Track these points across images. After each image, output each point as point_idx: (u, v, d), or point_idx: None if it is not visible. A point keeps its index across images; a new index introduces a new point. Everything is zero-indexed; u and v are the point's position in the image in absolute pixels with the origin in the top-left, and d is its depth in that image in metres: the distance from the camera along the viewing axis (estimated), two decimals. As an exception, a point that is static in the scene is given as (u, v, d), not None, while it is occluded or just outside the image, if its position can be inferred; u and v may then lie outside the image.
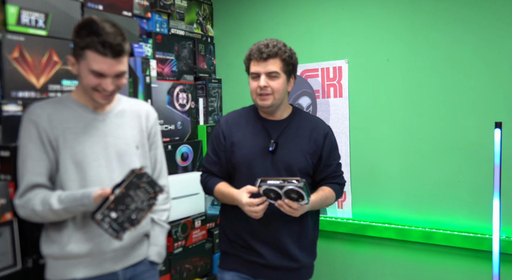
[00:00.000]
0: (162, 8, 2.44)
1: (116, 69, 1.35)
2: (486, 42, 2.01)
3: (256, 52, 1.62)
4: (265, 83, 1.60)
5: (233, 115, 1.79)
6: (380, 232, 2.28)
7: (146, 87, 2.21)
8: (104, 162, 1.44)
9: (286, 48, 1.63)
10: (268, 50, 1.60)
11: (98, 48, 1.30)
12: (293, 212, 1.50)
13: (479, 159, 2.04)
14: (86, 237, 1.40)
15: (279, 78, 1.62)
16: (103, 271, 1.44)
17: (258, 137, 1.68)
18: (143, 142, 1.55)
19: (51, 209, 1.32)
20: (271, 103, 1.63)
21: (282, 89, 1.63)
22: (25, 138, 1.38)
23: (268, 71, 1.60)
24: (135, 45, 2.19)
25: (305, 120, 1.74)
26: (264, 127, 1.70)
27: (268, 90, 1.61)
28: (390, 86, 2.27)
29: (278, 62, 1.61)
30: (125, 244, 1.47)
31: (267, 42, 1.63)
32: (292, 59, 1.65)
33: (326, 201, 1.67)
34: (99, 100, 1.40)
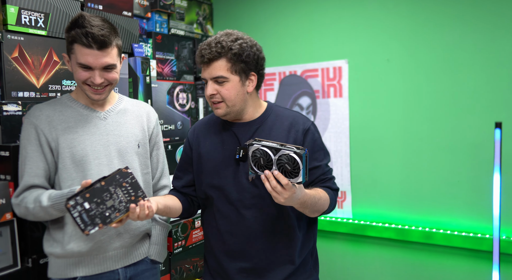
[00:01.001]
0: (162, 8, 2.44)
1: (102, 61, 1.35)
2: (486, 42, 2.01)
3: (197, 55, 1.40)
4: (213, 90, 1.37)
5: (201, 123, 1.58)
6: (380, 232, 2.28)
7: (146, 87, 2.21)
8: (105, 160, 1.44)
9: (234, 43, 1.36)
10: (208, 53, 1.35)
11: (83, 40, 1.32)
12: (280, 193, 1.18)
13: (479, 159, 2.04)
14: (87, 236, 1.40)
15: (228, 82, 1.37)
16: (104, 269, 1.45)
17: (226, 145, 1.45)
18: (145, 141, 1.56)
19: (41, 206, 1.32)
20: (224, 112, 1.40)
21: (234, 94, 1.38)
22: (24, 139, 1.39)
23: (213, 77, 1.37)
24: (135, 45, 2.19)
25: (280, 117, 1.46)
26: (233, 132, 1.46)
27: (218, 97, 1.38)
28: (390, 86, 2.27)
29: (224, 63, 1.35)
30: (126, 242, 1.48)
31: (210, 40, 1.38)
32: (243, 56, 1.36)
33: (319, 202, 1.35)
34: (91, 95, 1.41)
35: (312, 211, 1.36)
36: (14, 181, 1.55)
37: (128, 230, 1.48)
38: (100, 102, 1.49)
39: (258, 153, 1.21)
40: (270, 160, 1.19)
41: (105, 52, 1.35)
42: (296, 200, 1.23)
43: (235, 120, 1.47)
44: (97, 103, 1.48)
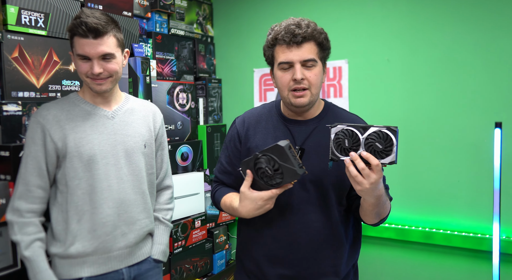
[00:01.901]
0: (162, 8, 2.44)
1: (98, 50, 1.36)
2: (486, 42, 2.01)
3: (286, 34, 1.24)
4: (302, 74, 1.24)
5: (251, 115, 1.44)
6: (380, 232, 2.28)
7: (146, 87, 2.21)
8: (112, 160, 1.44)
9: (320, 29, 1.29)
10: (302, 32, 1.23)
11: (79, 31, 1.35)
12: (367, 176, 1.09)
13: (479, 159, 2.04)
14: (92, 236, 1.41)
15: (316, 67, 1.26)
16: (109, 269, 1.45)
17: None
18: (151, 142, 1.57)
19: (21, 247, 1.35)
20: (308, 101, 1.27)
21: (319, 81, 1.28)
22: (29, 138, 1.40)
23: (304, 59, 1.24)
24: (135, 45, 2.20)
25: (339, 118, 1.36)
26: (288, 130, 1.35)
27: (305, 83, 1.25)
28: (390, 86, 2.27)
29: (314, 47, 1.26)
30: (130, 242, 1.48)
31: (297, 21, 1.26)
32: (328, 43, 1.32)
33: (386, 204, 1.25)
34: (94, 86, 1.41)
35: (378, 213, 1.25)
36: (14, 181, 1.55)
37: (132, 230, 1.48)
38: (107, 98, 1.48)
39: (342, 135, 1.12)
40: (357, 140, 1.10)
41: (101, 41, 1.37)
42: (378, 190, 1.13)
43: (295, 116, 1.36)
44: (104, 101, 1.48)
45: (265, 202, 1.23)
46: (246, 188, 1.24)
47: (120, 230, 1.45)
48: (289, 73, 1.26)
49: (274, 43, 1.28)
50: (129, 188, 1.47)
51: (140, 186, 1.51)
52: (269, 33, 1.31)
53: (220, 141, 2.73)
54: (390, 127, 1.07)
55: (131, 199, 1.48)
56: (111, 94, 1.50)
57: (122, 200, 1.45)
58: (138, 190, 1.50)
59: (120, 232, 1.45)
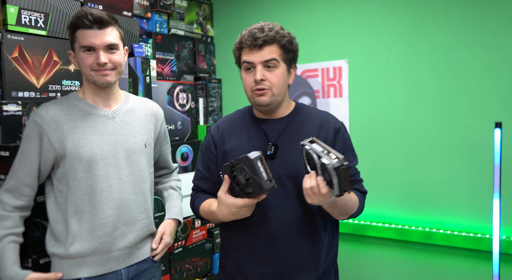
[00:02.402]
0: (162, 8, 2.44)
1: (104, 40, 1.38)
2: (486, 42, 2.02)
3: (249, 38, 1.33)
4: (262, 75, 1.32)
5: (225, 120, 1.52)
6: (380, 232, 2.28)
7: (146, 87, 2.21)
8: (113, 161, 1.44)
9: (284, 32, 1.36)
10: (263, 35, 1.31)
11: (84, 23, 1.36)
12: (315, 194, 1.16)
13: (479, 159, 2.04)
14: (91, 236, 1.41)
15: (278, 68, 1.34)
16: (108, 270, 1.44)
17: (254, 142, 1.40)
18: (150, 141, 1.57)
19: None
20: (269, 101, 1.34)
21: (282, 82, 1.35)
22: (25, 137, 1.40)
23: (265, 60, 1.32)
24: (135, 45, 2.19)
25: (311, 115, 1.43)
26: (261, 129, 1.42)
27: (266, 84, 1.33)
28: (390, 86, 2.27)
29: (276, 49, 1.33)
30: (130, 243, 1.47)
31: (261, 25, 1.35)
32: (292, 45, 1.37)
33: (348, 204, 1.30)
34: (98, 78, 1.40)
35: (340, 213, 1.31)
36: (14, 181, 1.55)
37: (132, 231, 1.48)
38: (107, 96, 1.48)
39: (308, 155, 1.19)
40: (315, 164, 1.15)
41: (106, 31, 1.39)
42: (327, 203, 1.20)
43: (266, 116, 1.43)
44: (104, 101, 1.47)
45: (238, 209, 1.26)
46: (222, 192, 1.27)
47: (120, 231, 1.45)
48: (252, 74, 1.35)
49: (240, 46, 1.38)
50: (130, 189, 1.47)
51: (140, 186, 1.51)
52: (238, 37, 1.40)
53: (220, 141, 2.73)
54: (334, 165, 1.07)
55: (131, 200, 1.47)
56: (111, 93, 1.49)
57: (122, 201, 1.45)
58: (139, 190, 1.50)
59: (120, 233, 1.45)
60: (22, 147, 1.40)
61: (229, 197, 1.26)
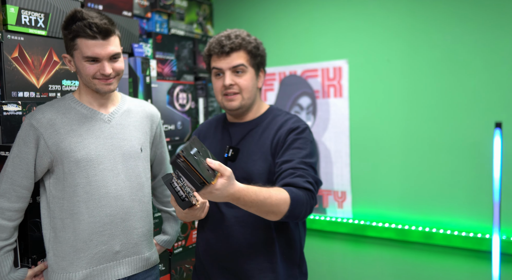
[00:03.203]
0: (162, 8, 2.44)
1: (109, 51, 1.36)
2: (486, 42, 2.02)
3: (216, 46, 1.39)
4: (231, 80, 1.38)
5: (204, 124, 1.61)
6: (380, 232, 2.28)
7: (146, 87, 2.21)
8: (109, 165, 1.42)
9: (251, 38, 1.42)
10: (230, 42, 1.38)
11: (87, 32, 1.32)
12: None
13: (479, 159, 2.04)
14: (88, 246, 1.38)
15: (246, 73, 1.39)
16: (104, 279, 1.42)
17: (221, 144, 1.47)
18: (146, 145, 1.54)
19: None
20: (239, 104, 1.40)
21: (251, 85, 1.41)
22: (20, 139, 1.37)
23: (233, 66, 1.38)
24: (135, 45, 2.19)
25: (276, 119, 1.45)
26: (228, 131, 1.48)
27: (235, 88, 1.39)
28: (390, 86, 2.27)
29: (243, 55, 1.39)
30: (128, 252, 1.45)
31: (227, 33, 1.41)
32: (259, 50, 1.43)
33: (266, 202, 1.18)
34: (102, 87, 1.39)
35: (260, 211, 1.20)
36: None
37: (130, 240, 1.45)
38: (104, 98, 1.47)
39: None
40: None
41: (109, 41, 1.36)
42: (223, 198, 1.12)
43: (235, 119, 1.49)
44: (101, 103, 1.47)
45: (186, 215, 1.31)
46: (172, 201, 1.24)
47: (118, 240, 1.42)
48: (221, 80, 1.42)
49: (209, 53, 1.44)
50: (127, 195, 1.44)
51: (137, 193, 1.48)
52: (206, 45, 1.46)
53: (220, 141, 2.73)
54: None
55: (129, 207, 1.44)
56: (109, 95, 1.48)
57: (120, 208, 1.42)
58: (136, 197, 1.47)
59: (118, 241, 1.42)
60: (16, 149, 1.37)
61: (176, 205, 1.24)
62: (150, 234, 1.54)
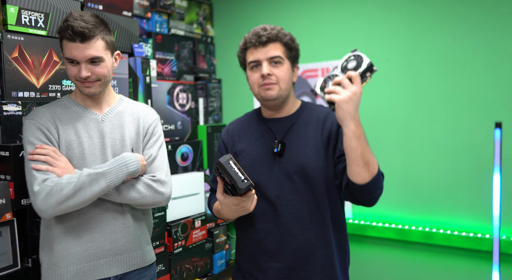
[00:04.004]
0: (162, 8, 2.44)
1: (85, 54, 1.35)
2: (486, 42, 2.01)
3: (253, 37, 1.41)
4: (268, 70, 1.38)
5: (234, 123, 1.59)
6: (380, 232, 2.28)
7: (146, 87, 2.21)
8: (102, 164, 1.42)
9: (286, 31, 1.44)
10: (267, 33, 1.39)
11: (67, 34, 1.34)
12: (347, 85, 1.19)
13: (479, 159, 2.04)
14: (77, 242, 1.38)
15: (283, 64, 1.40)
16: (95, 277, 1.41)
17: (262, 141, 1.45)
18: (138, 145, 1.52)
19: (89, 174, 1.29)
20: (277, 94, 1.39)
21: (288, 77, 1.41)
22: (29, 138, 1.36)
23: (270, 56, 1.39)
24: (135, 45, 2.19)
25: (315, 112, 1.47)
26: (268, 128, 1.46)
27: (273, 78, 1.38)
28: (390, 86, 2.27)
29: (280, 46, 1.40)
30: (119, 250, 1.44)
31: (263, 26, 1.43)
32: (294, 43, 1.45)
33: (369, 148, 1.25)
34: (82, 89, 1.41)
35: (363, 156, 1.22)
36: (14, 181, 1.55)
37: (125, 234, 1.45)
38: (97, 100, 1.47)
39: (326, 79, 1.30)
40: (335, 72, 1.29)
41: (88, 45, 1.35)
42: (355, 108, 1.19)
43: (273, 115, 1.48)
44: (95, 104, 1.47)
45: (236, 207, 1.26)
46: (219, 193, 1.28)
47: (109, 237, 1.41)
48: (258, 71, 1.41)
49: (245, 47, 1.44)
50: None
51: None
52: (241, 41, 1.47)
53: (220, 141, 2.73)
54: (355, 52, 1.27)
55: (120, 205, 1.44)
56: (102, 97, 1.48)
57: (110, 206, 1.42)
58: None
59: (108, 239, 1.42)
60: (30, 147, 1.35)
61: (226, 197, 1.27)
62: (142, 232, 1.53)
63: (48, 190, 1.28)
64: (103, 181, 1.31)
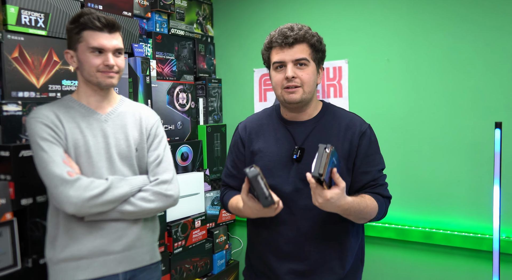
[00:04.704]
0: (162, 8, 2.44)
1: (113, 43, 1.42)
2: (486, 42, 2.01)
3: (279, 36, 1.35)
4: (293, 73, 1.33)
5: (253, 119, 1.53)
6: (380, 232, 2.28)
7: (146, 87, 2.21)
8: (106, 164, 1.43)
9: (313, 32, 1.39)
10: (294, 34, 1.33)
11: (95, 24, 1.38)
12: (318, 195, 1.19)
13: (479, 159, 2.04)
14: (87, 239, 1.39)
15: (308, 66, 1.35)
16: (104, 273, 1.42)
17: (281, 144, 1.41)
18: (142, 145, 1.53)
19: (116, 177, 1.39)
20: (300, 98, 1.35)
21: (312, 80, 1.36)
22: (37, 137, 1.35)
23: (296, 58, 1.34)
24: (135, 45, 2.19)
25: (337, 117, 1.43)
26: (288, 131, 1.42)
27: (297, 81, 1.34)
28: (390, 86, 2.27)
29: (306, 48, 1.35)
30: (128, 246, 1.45)
31: (291, 25, 1.37)
32: (321, 45, 1.40)
33: (365, 210, 1.30)
34: (103, 79, 1.42)
35: (357, 218, 1.32)
36: (14, 181, 1.55)
37: (129, 233, 1.45)
38: (102, 97, 1.48)
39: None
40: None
41: (115, 36, 1.43)
42: (334, 208, 1.21)
43: (293, 118, 1.44)
44: (98, 103, 1.47)
45: (258, 212, 1.29)
46: (244, 194, 1.29)
47: (118, 234, 1.42)
48: (282, 73, 1.36)
49: (270, 46, 1.38)
50: None
51: None
52: (267, 38, 1.41)
53: (220, 141, 2.73)
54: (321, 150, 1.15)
55: None
56: (106, 95, 1.49)
57: None
58: None
59: (118, 235, 1.43)
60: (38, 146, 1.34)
61: (249, 199, 1.28)
62: (150, 229, 1.54)
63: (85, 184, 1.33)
64: (127, 185, 1.40)
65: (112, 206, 1.37)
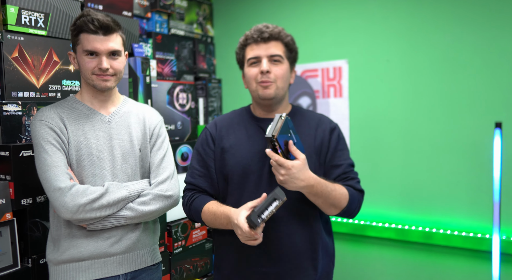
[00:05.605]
0: (162, 8, 2.44)
1: (107, 46, 1.39)
2: (486, 42, 2.02)
3: (255, 32, 1.40)
4: (268, 67, 1.36)
5: (222, 118, 1.53)
6: (380, 232, 2.28)
7: (146, 87, 2.21)
8: (108, 165, 1.43)
9: (287, 33, 1.44)
10: (269, 30, 1.38)
11: (89, 27, 1.37)
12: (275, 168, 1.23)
13: (479, 159, 2.04)
14: (88, 241, 1.39)
15: (282, 63, 1.39)
16: (105, 274, 1.42)
17: (253, 140, 1.42)
18: (145, 145, 1.53)
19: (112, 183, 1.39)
20: (274, 93, 1.38)
21: (286, 77, 1.40)
22: (40, 139, 1.36)
23: (271, 54, 1.38)
24: (135, 45, 2.19)
25: (307, 116, 1.48)
26: (260, 128, 1.44)
27: (271, 77, 1.37)
28: (390, 86, 2.27)
29: (280, 46, 1.40)
30: (129, 247, 1.45)
31: (265, 24, 1.43)
32: (294, 45, 1.44)
33: (332, 194, 1.29)
34: (98, 83, 1.41)
35: (325, 203, 1.30)
36: (14, 181, 1.55)
37: (129, 236, 1.45)
38: (105, 98, 1.48)
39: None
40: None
41: (110, 38, 1.40)
42: (298, 182, 1.23)
43: (266, 115, 1.46)
44: (102, 104, 1.47)
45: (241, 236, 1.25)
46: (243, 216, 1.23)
47: (119, 236, 1.42)
48: (257, 68, 1.39)
49: (245, 43, 1.43)
50: None
51: None
52: (241, 38, 1.46)
53: (220, 141, 2.73)
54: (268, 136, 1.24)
55: None
56: (109, 96, 1.49)
57: None
58: None
59: (119, 237, 1.43)
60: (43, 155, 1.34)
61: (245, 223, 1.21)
62: (151, 231, 1.55)
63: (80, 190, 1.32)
64: (124, 190, 1.39)
65: (110, 211, 1.36)
